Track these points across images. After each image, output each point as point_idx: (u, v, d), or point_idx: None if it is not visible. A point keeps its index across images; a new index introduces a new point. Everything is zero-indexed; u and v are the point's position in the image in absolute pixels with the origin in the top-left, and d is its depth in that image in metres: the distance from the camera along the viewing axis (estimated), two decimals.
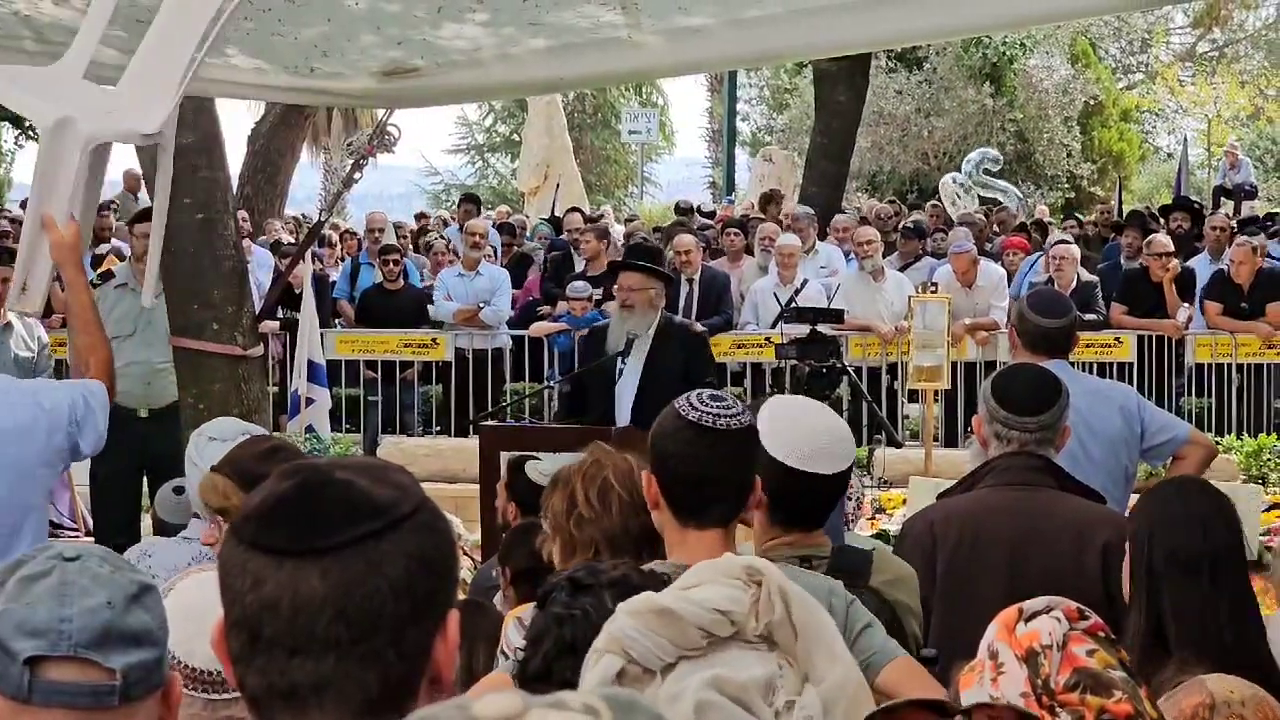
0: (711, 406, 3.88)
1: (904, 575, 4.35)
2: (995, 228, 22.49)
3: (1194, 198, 26.28)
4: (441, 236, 20.25)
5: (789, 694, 2.39)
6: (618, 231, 21.86)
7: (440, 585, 2.17)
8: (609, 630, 2.54)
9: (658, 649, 2.44)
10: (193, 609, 3.11)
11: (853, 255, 16.89)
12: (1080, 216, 26.44)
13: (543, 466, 6.92)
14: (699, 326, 11.05)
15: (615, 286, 10.04)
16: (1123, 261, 17.56)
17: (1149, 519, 4.32)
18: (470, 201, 22.24)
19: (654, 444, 3.98)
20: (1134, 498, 7.19)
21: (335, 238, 19.95)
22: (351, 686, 2.11)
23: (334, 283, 17.80)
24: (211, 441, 5.45)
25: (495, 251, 18.88)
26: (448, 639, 2.18)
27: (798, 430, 4.31)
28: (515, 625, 4.11)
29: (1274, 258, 17.17)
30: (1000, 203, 28.06)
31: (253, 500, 2.19)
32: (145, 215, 10.43)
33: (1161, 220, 20.31)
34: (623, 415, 9.84)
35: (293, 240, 18.70)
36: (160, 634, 2.52)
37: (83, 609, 2.43)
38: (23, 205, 22.71)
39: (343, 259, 19.14)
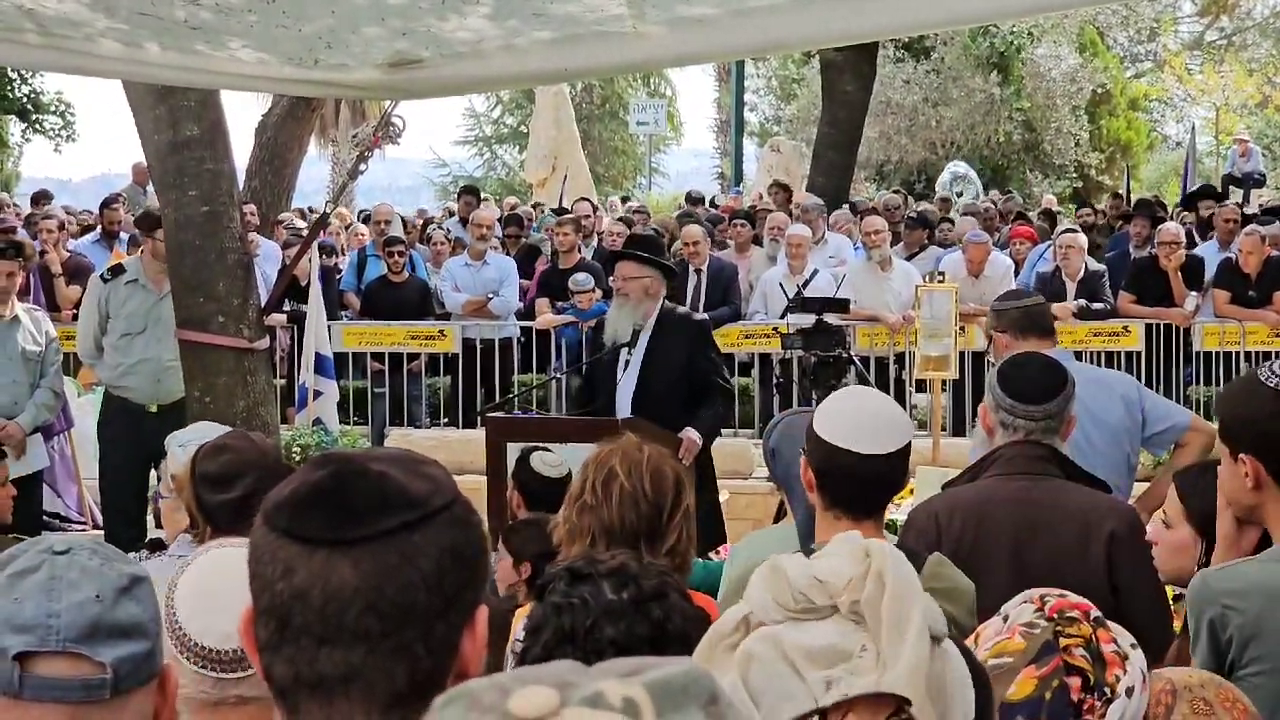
0: None
1: (961, 588, 4.20)
2: (1002, 216, 22.51)
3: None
4: (441, 227, 20.25)
5: (859, 673, 2.39)
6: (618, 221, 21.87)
7: (471, 580, 2.16)
8: (750, 580, 2.57)
9: (763, 603, 2.47)
10: (208, 588, 3.12)
11: (860, 245, 16.90)
12: (1093, 204, 26.44)
13: (549, 458, 6.94)
14: (698, 314, 11.04)
15: (612, 277, 10.04)
16: (1131, 250, 17.52)
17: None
18: (470, 193, 22.25)
19: (1251, 425, 3.95)
20: (1139, 486, 7.26)
21: (339, 226, 19.97)
22: (380, 679, 2.10)
23: (340, 275, 17.80)
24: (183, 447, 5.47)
25: (501, 243, 18.89)
26: (476, 635, 2.17)
27: (844, 411, 4.33)
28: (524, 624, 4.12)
29: None
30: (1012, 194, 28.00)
31: (285, 488, 2.18)
32: (160, 222, 10.41)
33: (1179, 209, 20.20)
34: (623, 406, 9.84)
35: (297, 233, 18.67)
36: (152, 625, 2.51)
37: (71, 603, 2.42)
38: (34, 199, 22.78)
39: (345, 250, 19.16)
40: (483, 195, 24.88)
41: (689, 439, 9.66)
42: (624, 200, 25.60)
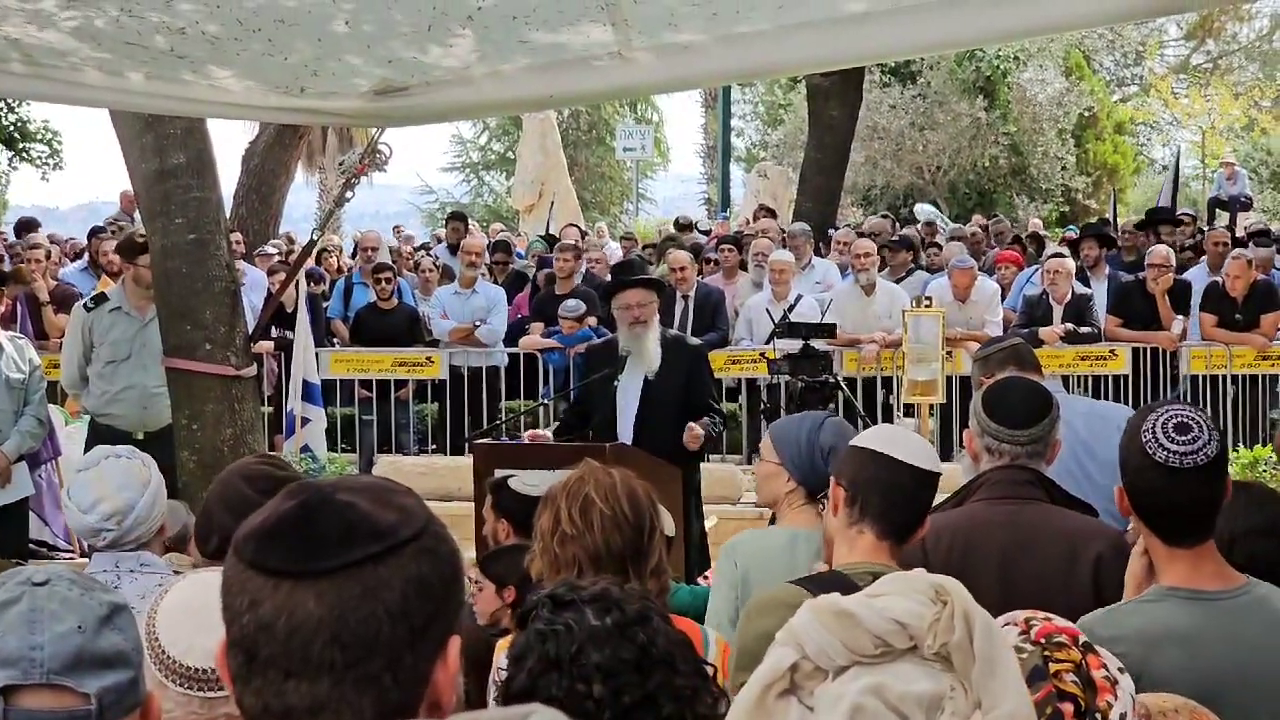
0: (1179, 444, 3.89)
1: None
2: (992, 240, 22.53)
3: (1189, 209, 26.33)
4: (429, 254, 20.26)
5: (957, 717, 2.38)
6: (613, 248, 21.90)
7: (440, 611, 2.16)
8: (790, 623, 2.53)
9: (829, 649, 2.44)
10: (189, 608, 3.12)
11: (849, 269, 16.91)
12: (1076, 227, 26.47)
13: (527, 477, 6.92)
14: (694, 339, 11.08)
15: (621, 306, 10.02)
16: (1087, 272, 17.38)
17: (1229, 524, 4.35)
18: (458, 219, 22.26)
19: (1124, 473, 4.02)
20: None
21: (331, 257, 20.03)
22: (346, 711, 2.09)
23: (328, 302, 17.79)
24: (79, 474, 5.50)
25: (490, 270, 18.90)
26: (448, 664, 2.17)
27: (884, 428, 4.53)
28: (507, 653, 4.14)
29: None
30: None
31: (255, 519, 2.18)
32: (144, 247, 10.39)
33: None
34: (624, 431, 9.86)
35: (283, 261, 18.67)
36: (134, 654, 2.51)
37: (54, 635, 2.42)
38: (17, 229, 22.74)
39: (336, 276, 19.16)
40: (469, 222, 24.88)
41: (692, 432, 9.68)
42: (624, 238, 25.55)
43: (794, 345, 13.13)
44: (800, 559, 5.62)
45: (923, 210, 29.58)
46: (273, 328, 15.02)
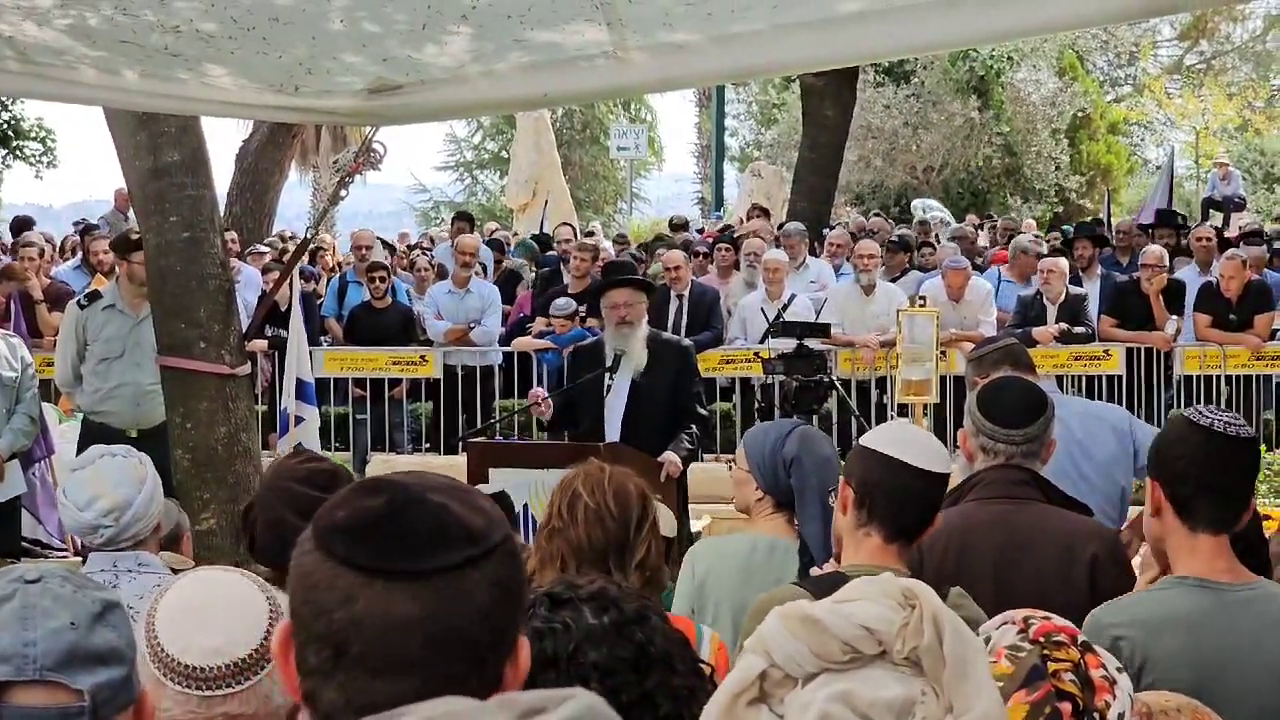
0: (1222, 415, 3.98)
1: (973, 618, 4.26)
2: (1000, 235, 22.59)
3: (1182, 210, 26.37)
4: (426, 253, 20.25)
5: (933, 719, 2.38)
6: (608, 248, 21.93)
7: (515, 612, 2.20)
8: (759, 630, 2.53)
9: (797, 656, 2.43)
10: (189, 607, 3.10)
11: (848, 269, 16.92)
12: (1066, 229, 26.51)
13: (495, 479, 6.95)
14: (686, 340, 11.09)
15: (609, 305, 10.03)
16: (1080, 272, 17.40)
17: None
18: (463, 219, 22.25)
19: (1160, 451, 4.05)
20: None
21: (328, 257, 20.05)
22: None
23: (321, 300, 17.79)
24: (75, 473, 5.49)
25: (485, 269, 18.87)
26: (518, 665, 2.19)
27: (897, 429, 4.55)
28: None
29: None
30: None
31: (338, 513, 2.17)
32: (138, 244, 10.39)
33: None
34: (613, 430, 9.86)
35: (276, 259, 18.67)
36: (128, 651, 2.50)
37: (46, 631, 2.42)
38: (14, 228, 22.72)
39: (331, 274, 19.16)
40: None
41: (670, 462, 9.69)
42: (616, 240, 25.55)
43: (788, 344, 13.12)
44: (759, 565, 5.64)
45: (926, 206, 29.56)
46: (267, 326, 15.01)
